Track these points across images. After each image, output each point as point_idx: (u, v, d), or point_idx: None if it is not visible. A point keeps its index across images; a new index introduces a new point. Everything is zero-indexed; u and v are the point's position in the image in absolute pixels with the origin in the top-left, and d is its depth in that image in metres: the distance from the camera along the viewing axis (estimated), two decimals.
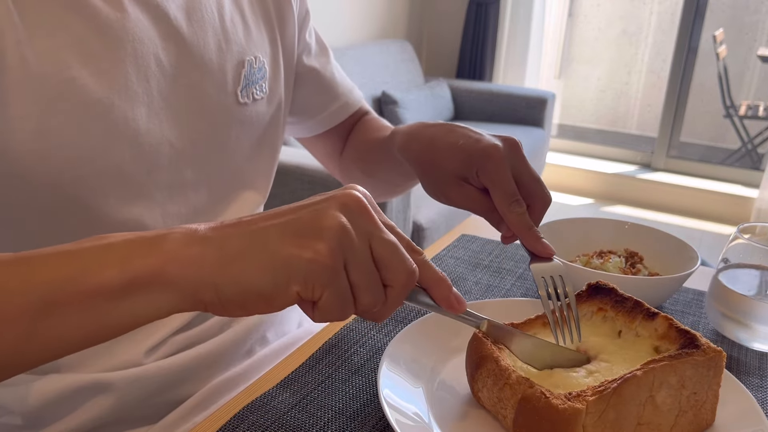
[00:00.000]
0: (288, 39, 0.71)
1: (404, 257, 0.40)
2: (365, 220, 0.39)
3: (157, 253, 0.37)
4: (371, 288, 0.39)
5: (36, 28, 0.48)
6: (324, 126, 0.81)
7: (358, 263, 0.38)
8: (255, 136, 0.68)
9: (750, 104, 3.96)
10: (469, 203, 0.60)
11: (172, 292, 0.37)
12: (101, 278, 0.36)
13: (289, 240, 0.37)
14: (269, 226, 0.38)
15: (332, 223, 0.37)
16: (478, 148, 0.58)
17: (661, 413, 0.48)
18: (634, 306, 0.55)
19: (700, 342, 0.49)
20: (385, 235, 0.39)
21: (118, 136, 0.53)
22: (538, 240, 0.57)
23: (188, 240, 0.37)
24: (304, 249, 0.37)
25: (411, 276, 0.40)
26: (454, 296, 0.44)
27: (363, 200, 0.40)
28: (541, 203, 0.59)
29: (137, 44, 0.53)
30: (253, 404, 0.53)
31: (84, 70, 0.50)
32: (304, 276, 0.37)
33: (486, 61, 3.65)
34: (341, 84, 0.81)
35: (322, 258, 0.36)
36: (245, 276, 0.37)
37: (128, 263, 0.36)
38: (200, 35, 0.59)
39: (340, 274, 0.37)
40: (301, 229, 0.37)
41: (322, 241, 0.37)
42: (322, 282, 0.37)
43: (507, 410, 0.48)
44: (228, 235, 0.38)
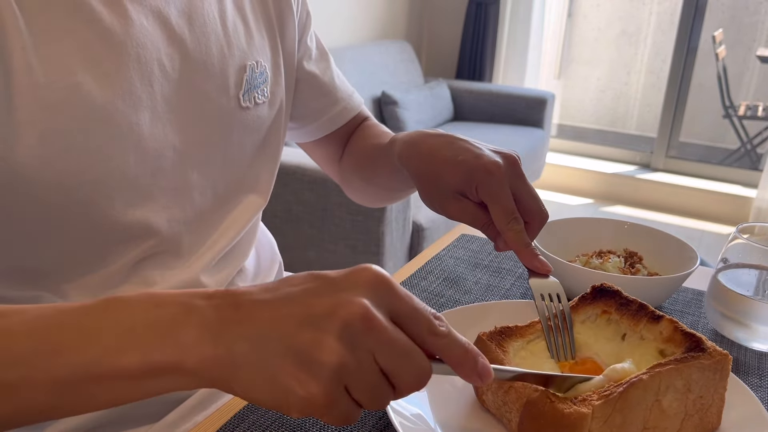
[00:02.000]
0: (289, 43, 0.72)
1: (413, 365, 0.38)
2: (370, 339, 0.37)
3: (173, 346, 0.37)
4: (378, 399, 0.38)
5: (41, 34, 0.48)
6: (323, 131, 0.82)
7: (360, 387, 0.37)
8: (257, 139, 0.68)
9: (749, 104, 3.96)
10: (466, 217, 0.61)
11: (190, 378, 0.37)
12: (121, 365, 0.37)
13: (288, 366, 0.36)
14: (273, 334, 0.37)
15: (328, 359, 0.36)
16: (478, 164, 0.58)
17: (668, 417, 0.48)
18: (639, 309, 0.55)
19: (706, 345, 0.49)
20: (393, 348, 0.37)
21: (122, 141, 0.53)
22: (535, 257, 0.58)
23: (202, 336, 0.37)
24: (299, 384, 0.36)
25: (420, 383, 0.39)
26: (478, 373, 0.41)
27: (368, 313, 0.37)
28: (539, 220, 0.60)
29: (140, 50, 0.54)
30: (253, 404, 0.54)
31: (88, 76, 0.50)
32: (299, 408, 0.36)
33: (486, 61, 3.65)
34: (341, 89, 0.81)
35: (315, 398, 0.36)
36: (251, 386, 0.37)
37: (147, 354, 0.37)
38: (202, 40, 0.60)
39: (337, 405, 0.37)
40: (301, 355, 0.36)
41: (317, 381, 0.36)
42: (317, 413, 0.37)
43: (512, 414, 0.48)
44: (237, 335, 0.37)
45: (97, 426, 0.59)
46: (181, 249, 0.62)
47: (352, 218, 1.98)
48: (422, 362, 0.38)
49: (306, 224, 2.06)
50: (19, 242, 0.52)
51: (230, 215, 0.68)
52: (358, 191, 0.86)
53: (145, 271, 0.59)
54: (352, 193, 0.88)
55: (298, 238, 2.09)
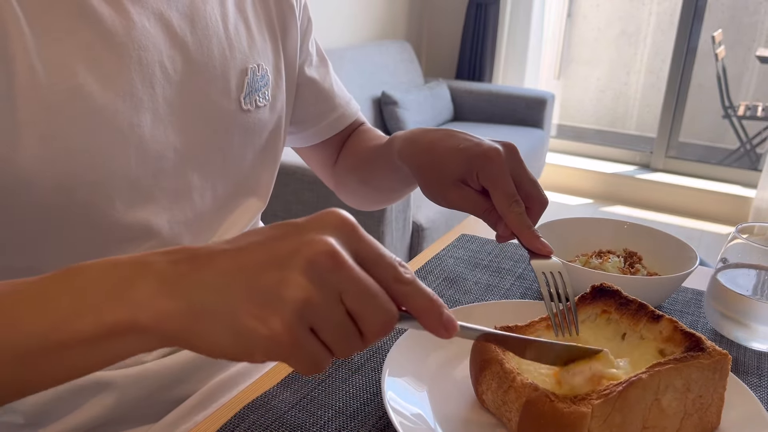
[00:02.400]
0: (290, 48, 0.72)
1: (379, 307, 0.37)
2: (336, 276, 0.36)
3: (128, 303, 0.36)
4: (345, 342, 0.37)
5: (43, 35, 0.48)
6: (321, 136, 0.82)
7: (327, 326, 0.36)
8: (258, 142, 0.68)
9: (748, 104, 3.96)
10: (467, 205, 0.61)
11: (148, 337, 0.36)
12: (77, 329, 0.36)
13: (249, 307, 0.35)
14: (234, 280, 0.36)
15: (292, 294, 0.35)
16: (479, 151, 0.60)
17: (667, 416, 0.48)
18: (639, 308, 0.55)
19: (705, 345, 0.49)
20: (359, 286, 0.37)
21: (124, 142, 0.53)
22: (537, 239, 0.59)
23: (158, 288, 0.36)
24: (261, 323, 0.35)
25: (386, 326, 0.38)
26: (443, 324, 0.40)
27: (334, 250, 0.36)
28: (539, 205, 0.61)
29: (142, 51, 0.54)
30: (253, 403, 0.54)
31: (90, 77, 0.50)
32: (262, 350, 0.36)
33: (485, 61, 3.65)
34: (339, 95, 0.82)
35: (278, 336, 0.35)
36: (211, 337, 0.36)
37: (101, 314, 0.36)
38: (204, 43, 0.60)
39: (302, 345, 0.36)
40: (261, 292, 0.35)
41: (279, 316, 0.35)
42: (283, 355, 0.36)
43: (512, 413, 0.48)
44: (196, 282, 0.36)
45: (96, 426, 0.59)
46: None
47: None
48: (388, 305, 0.38)
49: None
50: (19, 242, 0.52)
51: (230, 217, 0.68)
52: (354, 193, 0.87)
53: None
54: (346, 197, 0.89)
55: None
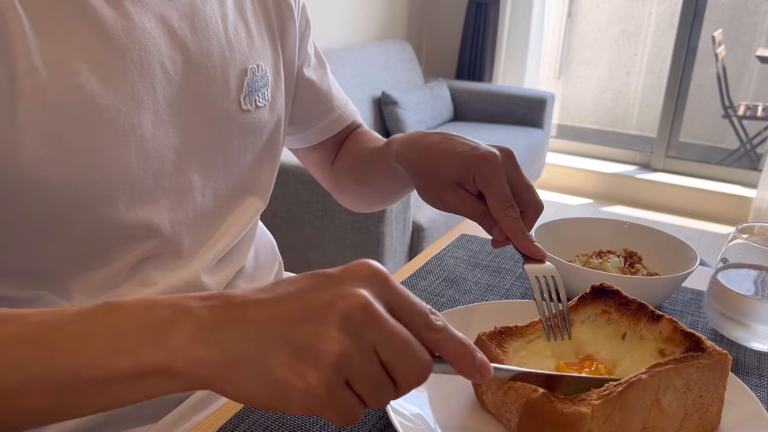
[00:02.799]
0: (289, 49, 0.72)
1: (414, 359, 0.37)
2: (372, 330, 0.36)
3: (165, 348, 0.37)
4: (379, 393, 0.37)
5: (45, 36, 0.48)
6: (319, 137, 0.83)
7: (363, 380, 0.36)
8: (257, 143, 0.68)
9: (749, 104, 3.96)
10: (463, 208, 0.62)
11: (182, 382, 0.37)
12: (113, 368, 0.37)
13: (286, 360, 0.36)
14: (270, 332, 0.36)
15: (329, 348, 0.35)
16: (475, 154, 0.60)
17: (667, 417, 0.48)
18: (639, 308, 0.55)
19: (705, 345, 0.49)
20: (394, 340, 0.37)
21: (125, 142, 0.53)
22: (531, 243, 0.59)
23: (194, 336, 0.37)
24: (297, 376, 0.35)
25: (421, 376, 0.38)
26: (477, 368, 0.41)
27: (369, 304, 0.36)
28: (534, 210, 0.61)
29: (143, 52, 0.54)
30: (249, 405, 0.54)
31: (92, 77, 0.51)
32: (297, 404, 0.36)
33: (485, 61, 3.65)
34: (337, 97, 0.83)
35: (315, 390, 0.35)
36: (247, 387, 0.36)
37: (137, 356, 0.37)
38: (204, 43, 0.60)
39: (337, 399, 0.36)
40: (299, 348, 0.36)
41: (316, 370, 0.35)
42: (318, 408, 0.36)
43: (511, 414, 0.48)
44: (231, 334, 0.37)
45: (96, 426, 0.59)
46: (182, 249, 0.62)
47: (352, 218, 1.99)
48: (423, 355, 0.38)
49: (306, 224, 2.06)
50: (22, 242, 0.53)
51: (230, 217, 0.68)
52: (351, 195, 0.87)
53: (147, 271, 0.59)
54: (343, 198, 0.89)
55: (298, 238, 2.09)
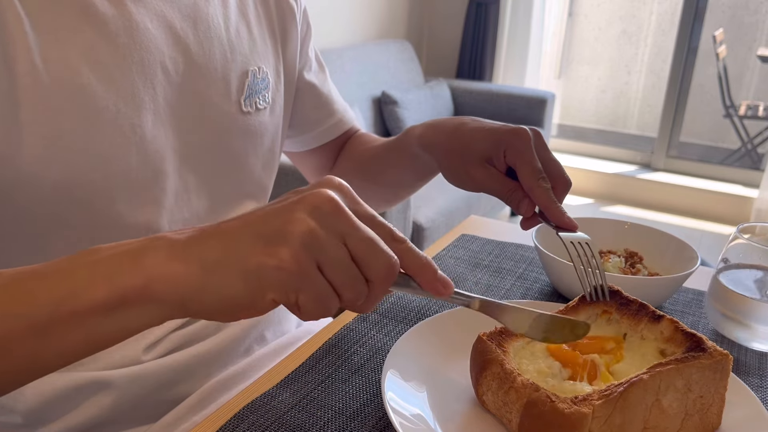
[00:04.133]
0: (290, 52, 0.72)
1: (382, 251, 0.39)
2: (338, 220, 0.38)
3: (140, 270, 0.37)
4: (351, 284, 0.39)
5: (46, 36, 0.48)
6: (319, 141, 0.83)
7: (333, 263, 0.38)
8: (257, 145, 0.68)
9: (750, 104, 3.96)
10: (493, 184, 0.62)
11: (160, 305, 0.38)
12: (92, 297, 0.37)
13: (258, 248, 0.37)
14: (242, 234, 0.38)
15: (298, 228, 0.37)
16: (506, 129, 0.62)
17: (668, 417, 0.48)
18: (639, 309, 0.55)
19: (706, 345, 0.49)
20: (360, 232, 0.39)
21: (125, 143, 0.53)
22: (564, 214, 0.60)
23: (169, 254, 0.38)
24: (269, 256, 0.37)
25: (390, 269, 0.40)
26: (440, 281, 0.43)
27: (335, 198, 0.39)
28: (563, 184, 0.62)
29: (144, 53, 0.54)
30: (252, 404, 0.53)
31: (93, 77, 0.51)
32: (273, 284, 0.37)
33: (486, 61, 3.64)
34: (337, 101, 0.83)
35: (287, 264, 0.36)
36: (224, 287, 0.37)
37: (115, 281, 0.37)
38: (206, 44, 0.60)
39: (310, 277, 0.37)
40: (269, 235, 0.37)
41: (287, 246, 0.37)
42: (294, 287, 0.37)
43: (512, 414, 0.47)
44: (205, 246, 0.38)
45: (95, 426, 0.59)
46: None
47: None
48: (389, 251, 0.39)
49: None
50: (20, 243, 0.52)
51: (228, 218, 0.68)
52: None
53: None
54: None
55: None
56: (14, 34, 0.47)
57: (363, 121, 2.88)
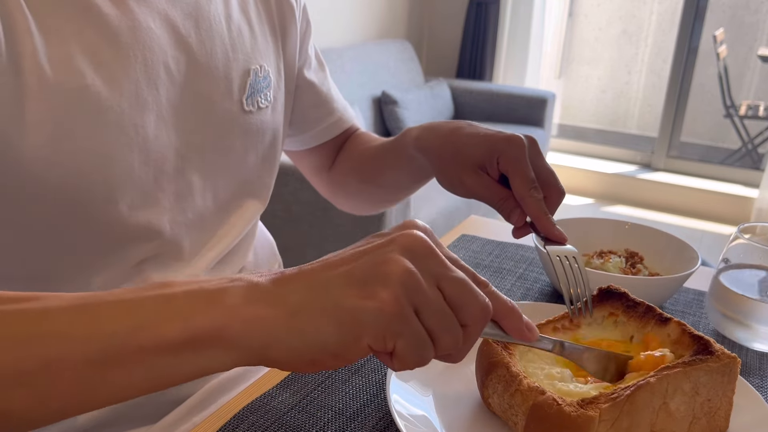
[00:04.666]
0: (290, 50, 0.72)
1: (476, 293, 0.38)
2: (432, 262, 0.37)
3: (218, 309, 0.35)
4: (449, 329, 0.37)
5: (51, 37, 0.48)
6: (318, 140, 0.83)
7: (431, 307, 0.36)
8: (259, 144, 0.68)
9: (750, 104, 3.96)
10: (484, 191, 0.62)
11: (236, 350, 0.35)
12: (162, 333, 0.35)
13: (353, 290, 0.35)
14: (332, 276, 0.36)
15: (396, 269, 0.35)
16: (501, 136, 0.61)
17: (675, 420, 0.47)
18: (646, 311, 0.55)
19: (714, 348, 0.49)
20: (455, 273, 0.38)
21: (128, 143, 0.53)
22: (553, 225, 0.59)
23: (250, 296, 0.36)
24: (368, 299, 0.35)
25: (485, 311, 0.38)
26: (525, 326, 0.42)
27: (428, 241, 0.38)
28: (557, 194, 0.61)
29: (147, 52, 0.54)
30: (252, 404, 0.53)
31: (97, 78, 0.51)
32: (371, 328, 0.35)
33: (486, 61, 3.65)
34: (337, 100, 0.83)
35: (388, 306, 0.35)
36: (311, 332, 0.35)
37: (190, 319, 0.35)
38: (208, 43, 0.60)
39: (410, 321, 0.35)
40: (364, 277, 0.36)
41: (387, 288, 0.35)
42: (393, 331, 0.35)
43: (518, 417, 0.47)
44: (290, 288, 0.36)
45: (95, 426, 0.59)
46: (182, 251, 0.62)
47: (352, 218, 1.98)
48: (481, 294, 0.39)
49: (306, 224, 2.06)
50: (22, 244, 0.52)
51: (230, 218, 0.68)
52: (354, 196, 0.87)
53: (147, 272, 0.59)
54: (344, 201, 0.89)
55: (298, 238, 2.09)
56: (20, 34, 0.47)
57: (363, 121, 2.88)
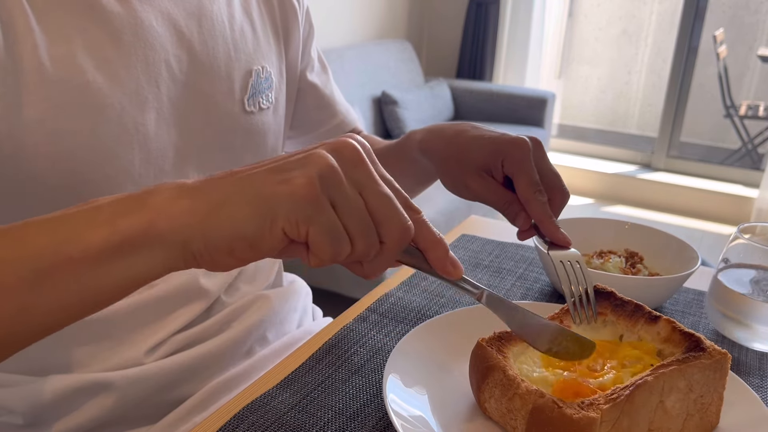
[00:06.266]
0: (292, 52, 0.72)
1: (399, 211, 0.38)
2: (359, 169, 0.37)
3: (145, 209, 0.36)
4: (365, 232, 0.37)
5: (52, 33, 0.48)
6: (321, 142, 0.82)
7: (349, 205, 0.36)
8: (260, 145, 0.68)
9: (750, 104, 3.96)
10: (489, 195, 0.62)
11: (162, 247, 0.36)
12: (90, 241, 0.35)
13: (272, 178, 0.36)
14: (256, 171, 0.37)
15: (317, 160, 0.36)
16: (505, 139, 0.60)
17: (671, 418, 0.48)
18: (635, 310, 0.55)
19: (705, 345, 0.49)
20: (381, 187, 0.38)
21: (128, 140, 0.53)
22: (557, 229, 0.59)
23: (177, 193, 0.36)
24: (284, 184, 0.35)
25: (406, 232, 0.38)
26: (450, 260, 0.42)
27: (358, 149, 0.38)
28: (561, 197, 0.61)
29: (149, 50, 0.54)
30: (253, 404, 0.53)
31: (98, 75, 0.51)
32: (285, 211, 0.35)
33: (486, 61, 3.65)
34: (339, 103, 0.83)
35: (301, 189, 0.35)
36: (231, 220, 0.36)
37: (116, 223, 0.35)
38: (210, 43, 0.60)
39: (323, 208, 0.36)
40: (285, 167, 0.36)
41: (303, 174, 0.35)
42: (305, 215, 0.35)
43: (517, 421, 0.47)
44: (215, 184, 0.37)
45: (96, 427, 0.59)
46: None
47: None
48: (405, 215, 0.39)
49: None
50: None
51: None
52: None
53: None
54: None
55: None
56: (21, 31, 0.47)
57: (363, 121, 2.88)
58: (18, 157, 0.48)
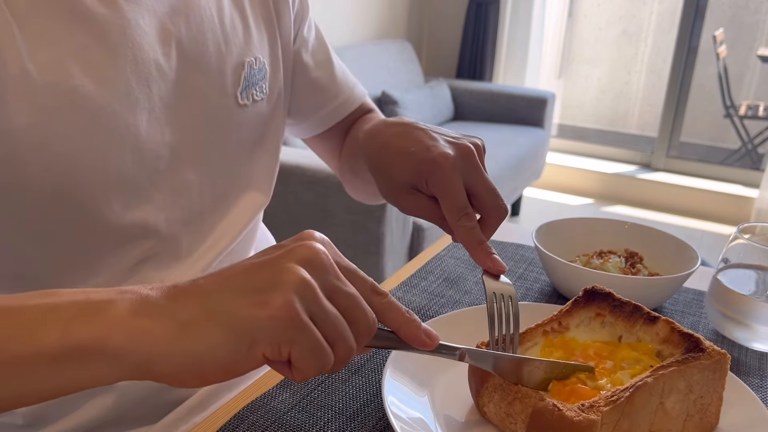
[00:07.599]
0: (285, 35, 0.70)
1: (365, 310, 0.38)
2: (329, 275, 0.37)
3: (102, 320, 0.34)
4: (344, 337, 0.37)
5: (36, 39, 0.48)
6: (321, 126, 0.80)
7: (327, 317, 0.36)
8: (255, 136, 0.67)
9: (750, 104, 3.96)
10: (420, 212, 0.58)
11: (116, 364, 0.34)
12: (41, 341, 0.34)
13: (246, 300, 0.34)
14: (224, 288, 0.36)
15: (292, 278, 0.35)
16: (427, 156, 0.55)
17: (671, 419, 0.48)
18: (634, 310, 0.54)
19: (704, 345, 0.49)
20: (348, 288, 0.38)
21: (120, 143, 0.53)
22: (488, 256, 0.55)
23: (137, 308, 0.35)
24: (261, 306, 0.34)
25: (371, 327, 0.39)
26: (424, 333, 0.42)
27: (323, 254, 0.37)
28: (495, 215, 0.56)
29: (137, 51, 0.53)
30: (252, 404, 0.53)
31: (86, 79, 0.50)
32: (265, 335, 0.34)
33: (486, 61, 3.65)
34: (341, 82, 0.78)
35: (282, 313, 0.34)
36: (201, 344, 0.34)
37: (69, 329, 0.34)
38: (199, 38, 0.59)
39: (305, 327, 0.35)
40: (258, 286, 0.35)
41: (281, 295, 0.34)
42: (287, 338, 0.34)
43: (517, 425, 0.47)
44: (180, 302, 0.35)
45: (95, 427, 0.59)
46: (180, 250, 0.62)
47: (352, 218, 1.98)
48: (369, 311, 0.39)
49: (306, 224, 2.06)
50: (16, 247, 0.52)
51: (230, 214, 0.67)
52: (350, 185, 0.84)
53: (145, 272, 0.59)
54: (348, 188, 0.86)
55: None
56: (3, 39, 0.46)
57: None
58: (11, 164, 0.48)
